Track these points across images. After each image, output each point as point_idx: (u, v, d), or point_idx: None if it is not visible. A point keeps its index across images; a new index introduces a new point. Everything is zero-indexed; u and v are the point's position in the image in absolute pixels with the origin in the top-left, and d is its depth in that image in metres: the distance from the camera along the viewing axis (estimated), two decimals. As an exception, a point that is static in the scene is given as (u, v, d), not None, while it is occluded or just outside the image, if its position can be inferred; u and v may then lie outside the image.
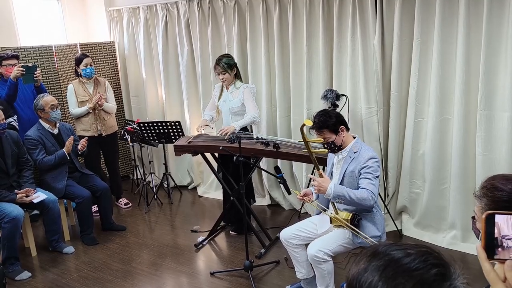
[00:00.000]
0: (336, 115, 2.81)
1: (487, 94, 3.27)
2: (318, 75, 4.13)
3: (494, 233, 0.90)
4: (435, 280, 0.79)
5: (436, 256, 0.83)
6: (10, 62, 4.26)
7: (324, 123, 2.73)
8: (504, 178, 1.38)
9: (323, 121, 2.74)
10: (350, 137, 2.83)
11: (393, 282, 0.79)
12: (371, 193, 2.58)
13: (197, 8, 4.75)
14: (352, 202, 2.60)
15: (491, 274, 0.92)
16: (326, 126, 2.73)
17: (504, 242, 0.91)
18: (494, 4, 3.15)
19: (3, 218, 3.52)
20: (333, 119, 2.76)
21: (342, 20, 3.90)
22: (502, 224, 0.91)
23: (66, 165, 4.13)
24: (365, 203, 2.58)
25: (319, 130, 2.76)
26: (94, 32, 5.82)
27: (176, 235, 4.29)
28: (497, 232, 0.92)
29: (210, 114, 4.19)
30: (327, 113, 2.79)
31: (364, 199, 2.57)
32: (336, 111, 3.04)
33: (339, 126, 2.76)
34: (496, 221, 0.92)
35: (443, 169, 3.66)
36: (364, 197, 2.57)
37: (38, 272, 3.69)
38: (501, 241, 0.91)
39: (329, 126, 2.73)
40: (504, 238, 0.91)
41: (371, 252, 0.87)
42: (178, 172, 5.55)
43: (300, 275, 2.98)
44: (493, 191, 1.35)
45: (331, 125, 2.73)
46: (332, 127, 2.73)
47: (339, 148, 2.80)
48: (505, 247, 0.91)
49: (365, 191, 2.58)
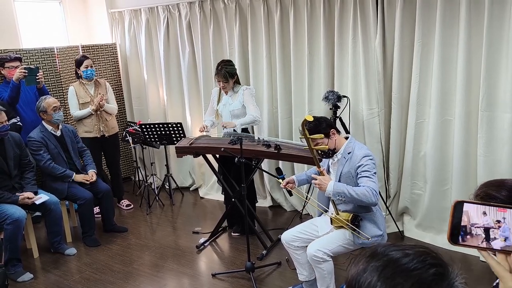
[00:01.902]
0: (325, 120, 2.83)
1: (488, 95, 3.27)
2: (319, 76, 4.14)
3: (461, 220, 0.98)
4: (433, 280, 0.79)
5: (434, 256, 0.84)
6: (13, 64, 4.28)
7: (315, 129, 2.73)
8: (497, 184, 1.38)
9: (314, 127, 2.73)
10: (342, 139, 2.85)
11: (391, 282, 0.79)
12: (371, 189, 2.56)
13: (198, 10, 4.76)
14: (352, 199, 2.59)
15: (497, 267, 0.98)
16: (317, 131, 2.73)
17: (473, 230, 0.98)
18: (495, 6, 3.15)
19: (6, 220, 3.53)
20: (323, 123, 2.77)
21: (343, 21, 3.90)
22: (472, 213, 0.98)
23: (68, 166, 4.14)
24: (367, 199, 2.56)
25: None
26: (96, 34, 5.84)
27: (178, 237, 4.30)
28: (467, 221, 0.99)
29: (210, 119, 4.22)
30: (314, 119, 2.76)
31: (365, 195, 2.55)
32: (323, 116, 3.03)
33: (329, 129, 2.77)
34: (466, 209, 0.99)
35: (444, 170, 3.66)
36: (364, 193, 2.55)
37: (40, 274, 3.70)
38: (470, 228, 0.98)
39: (320, 131, 2.73)
40: (473, 226, 0.98)
41: (370, 252, 0.87)
42: (180, 173, 5.56)
43: (302, 277, 2.99)
44: (487, 199, 1.36)
45: (322, 129, 2.74)
46: (322, 131, 2.74)
47: (333, 152, 2.82)
48: (474, 235, 0.98)
49: (364, 188, 2.57)
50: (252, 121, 3.97)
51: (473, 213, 0.98)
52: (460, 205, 0.99)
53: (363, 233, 2.66)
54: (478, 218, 0.98)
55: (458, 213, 0.99)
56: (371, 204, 2.63)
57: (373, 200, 2.57)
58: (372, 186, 2.58)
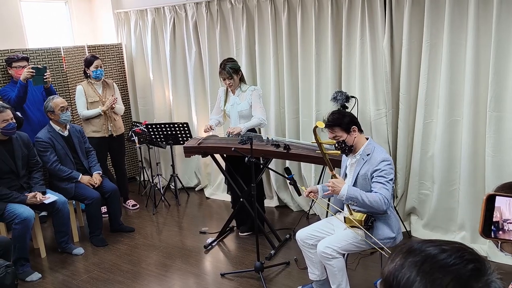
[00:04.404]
0: (350, 115, 2.84)
1: (496, 95, 3.28)
2: (326, 77, 4.14)
3: (493, 215, 0.99)
4: (472, 275, 0.80)
5: (471, 252, 0.85)
6: (20, 64, 4.29)
7: (337, 121, 2.76)
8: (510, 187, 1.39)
9: (336, 119, 2.76)
10: (362, 139, 2.83)
11: (430, 277, 0.80)
12: (384, 197, 2.59)
13: (205, 10, 4.77)
14: (364, 205, 2.60)
15: None
16: (338, 124, 2.75)
17: (505, 226, 0.99)
18: (503, 6, 3.16)
19: (14, 219, 3.54)
20: (347, 118, 2.78)
21: (351, 22, 3.91)
22: (504, 208, 0.99)
23: (75, 167, 4.15)
24: (378, 207, 2.58)
25: (331, 127, 2.78)
26: (102, 34, 5.85)
27: (185, 237, 4.30)
28: (499, 216, 1.00)
29: (216, 118, 4.20)
30: (340, 112, 2.83)
31: (377, 203, 2.57)
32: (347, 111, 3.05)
33: (352, 126, 2.77)
34: (498, 205, 1.00)
35: (452, 170, 3.67)
36: (377, 200, 2.58)
37: (48, 274, 3.70)
38: (502, 224, 0.99)
39: (341, 124, 2.75)
40: (505, 222, 0.99)
41: (406, 248, 0.88)
42: (185, 173, 5.56)
43: (313, 276, 2.98)
44: None
45: (344, 124, 2.75)
46: (344, 125, 2.76)
47: (349, 149, 2.80)
48: (506, 230, 0.99)
49: (377, 195, 2.59)
50: (258, 124, 3.97)
51: (504, 209, 0.99)
52: (492, 199, 1.00)
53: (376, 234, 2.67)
54: (510, 213, 0.99)
55: (490, 206, 1.00)
56: (381, 212, 2.65)
57: (384, 209, 2.60)
58: (385, 194, 2.60)
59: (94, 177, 4.17)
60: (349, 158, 2.88)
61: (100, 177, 4.21)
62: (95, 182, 4.14)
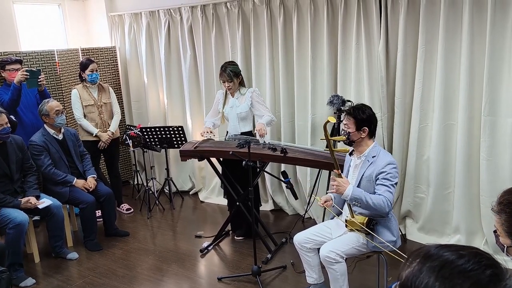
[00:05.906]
0: (370, 117, 2.78)
1: (491, 100, 3.33)
2: (322, 81, 4.16)
3: None
4: (490, 281, 0.81)
5: (489, 258, 0.85)
6: (14, 66, 4.24)
7: (355, 113, 2.75)
8: None
9: (356, 111, 2.76)
10: (369, 142, 2.82)
11: (450, 283, 0.81)
12: (388, 200, 2.61)
13: (200, 14, 4.76)
14: (368, 207, 2.62)
15: None
16: (355, 116, 2.74)
17: None
18: (497, 12, 3.21)
19: (8, 224, 3.49)
20: (364, 116, 2.75)
21: (347, 26, 3.94)
22: None
23: (70, 170, 4.11)
24: (381, 209, 2.61)
25: (348, 115, 2.79)
26: (95, 37, 5.81)
27: (180, 241, 4.28)
28: None
29: (212, 121, 4.17)
30: (366, 109, 2.78)
31: (380, 205, 2.60)
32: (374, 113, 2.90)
33: (364, 126, 2.76)
34: None
35: (447, 174, 3.71)
36: (380, 203, 2.60)
37: (42, 279, 3.65)
38: None
39: (356, 117, 2.74)
40: None
41: (423, 253, 0.89)
42: (180, 177, 5.54)
43: (311, 279, 2.99)
44: (510, 206, 1.39)
45: (359, 120, 2.74)
46: (359, 121, 2.74)
47: (350, 143, 2.81)
48: None
49: (381, 198, 2.61)
50: (271, 121, 3.96)
51: None
52: None
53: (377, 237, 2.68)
54: None
55: None
56: (383, 215, 2.66)
57: (386, 211, 2.63)
58: (389, 197, 2.62)
59: (89, 181, 4.13)
60: (353, 159, 2.89)
61: (94, 181, 4.17)
62: (89, 186, 4.10)
